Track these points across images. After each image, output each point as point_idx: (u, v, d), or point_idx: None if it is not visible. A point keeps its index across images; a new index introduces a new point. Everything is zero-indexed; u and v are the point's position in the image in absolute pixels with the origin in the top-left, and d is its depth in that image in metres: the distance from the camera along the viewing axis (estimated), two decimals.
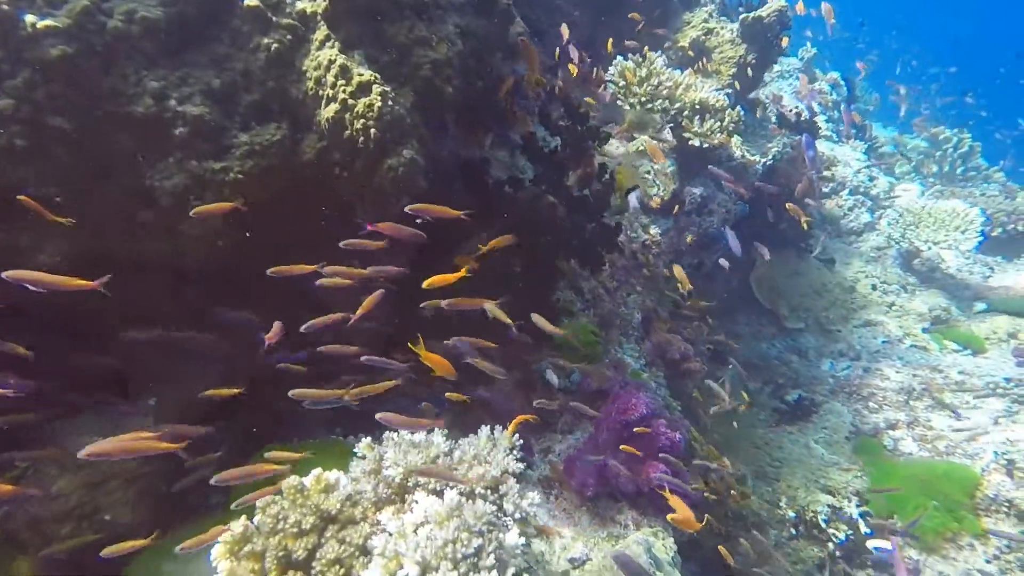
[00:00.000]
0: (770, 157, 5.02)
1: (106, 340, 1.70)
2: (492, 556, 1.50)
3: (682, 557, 3.28)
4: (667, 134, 4.40)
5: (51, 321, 1.59)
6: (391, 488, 1.66)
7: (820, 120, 8.01)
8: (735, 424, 4.39)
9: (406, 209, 1.60)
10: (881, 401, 4.81)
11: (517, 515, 1.69)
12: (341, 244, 1.70)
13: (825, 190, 7.62)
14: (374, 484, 1.66)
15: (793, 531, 3.88)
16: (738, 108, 4.10)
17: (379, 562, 1.42)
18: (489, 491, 1.72)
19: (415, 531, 1.51)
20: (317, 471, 1.57)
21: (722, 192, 4.43)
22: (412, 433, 1.81)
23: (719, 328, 6.01)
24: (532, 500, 1.74)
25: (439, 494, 1.65)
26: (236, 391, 1.74)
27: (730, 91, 4.44)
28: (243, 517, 1.45)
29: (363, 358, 1.75)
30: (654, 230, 4.11)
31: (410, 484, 1.69)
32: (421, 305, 1.92)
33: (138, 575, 1.64)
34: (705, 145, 4.03)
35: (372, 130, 1.61)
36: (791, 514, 3.97)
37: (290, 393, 1.65)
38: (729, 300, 6.02)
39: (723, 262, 3.62)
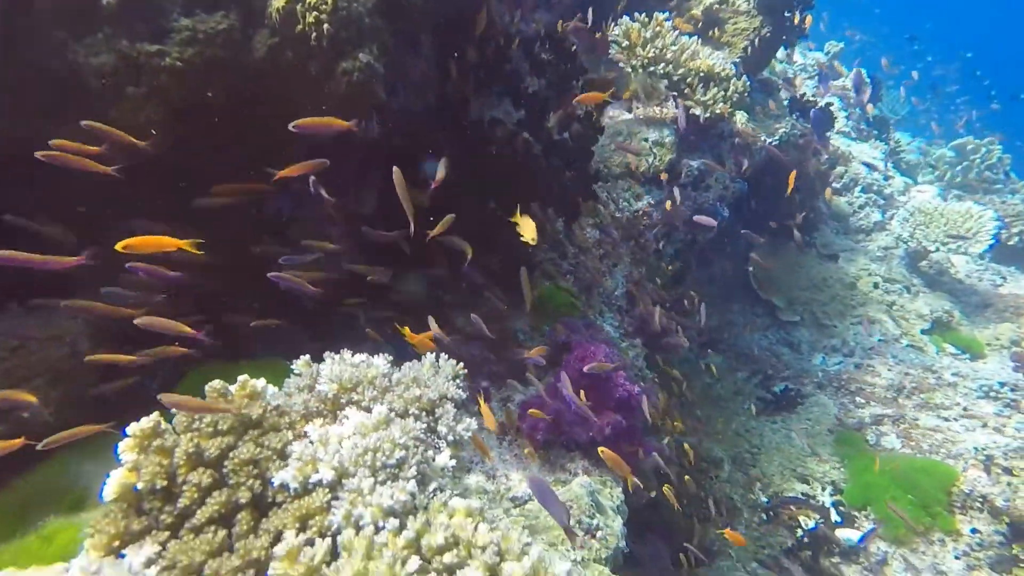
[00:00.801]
0: (777, 138, 4.87)
1: (38, 235, 1.64)
2: (414, 469, 1.43)
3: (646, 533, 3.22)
4: (671, 105, 4.27)
5: None
6: (323, 403, 1.60)
7: (838, 112, 7.80)
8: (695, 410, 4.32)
9: (290, 127, 1.52)
10: (869, 396, 4.70)
11: (451, 438, 1.63)
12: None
13: (836, 185, 7.44)
14: (305, 398, 1.60)
15: (764, 516, 3.81)
16: (744, 78, 3.96)
17: (294, 464, 1.36)
18: (424, 413, 1.65)
19: (339, 441, 1.45)
20: (243, 377, 1.51)
21: (721, 167, 4.30)
22: (354, 353, 1.75)
23: (712, 315, 5.92)
24: (468, 425, 1.67)
25: (370, 411, 1.59)
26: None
27: (739, 62, 4.29)
28: (155, 413, 1.40)
29: (271, 274, 1.68)
30: (646, 200, 4.00)
31: (343, 401, 1.63)
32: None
33: (54, 473, 1.60)
34: (706, 115, 3.90)
35: (325, 25, 1.53)
36: (763, 500, 3.90)
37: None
38: (725, 287, 5.91)
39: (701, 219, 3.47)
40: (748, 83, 3.95)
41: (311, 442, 1.44)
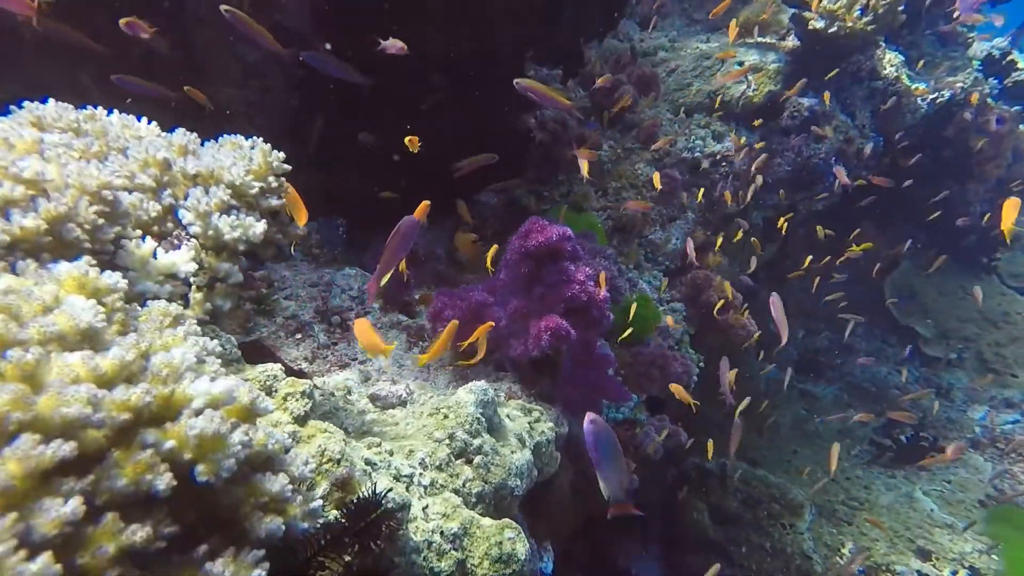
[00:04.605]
0: (945, 95, 3.58)
1: None
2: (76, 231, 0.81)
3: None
4: (791, 39, 3.32)
5: None
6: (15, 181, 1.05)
7: None
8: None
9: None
10: None
11: (198, 228, 0.99)
12: None
13: None
14: None
15: None
16: None
17: None
18: (176, 195, 1.03)
19: None
20: None
21: (846, 114, 3.19)
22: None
23: (823, 331, 4.64)
24: (246, 224, 1.01)
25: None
26: None
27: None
28: None
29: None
30: (728, 143, 3.06)
31: None
32: None
33: None
34: (832, 30, 2.88)
35: None
36: (856, 569, 2.66)
37: None
38: (846, 296, 4.52)
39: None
40: None
41: None
